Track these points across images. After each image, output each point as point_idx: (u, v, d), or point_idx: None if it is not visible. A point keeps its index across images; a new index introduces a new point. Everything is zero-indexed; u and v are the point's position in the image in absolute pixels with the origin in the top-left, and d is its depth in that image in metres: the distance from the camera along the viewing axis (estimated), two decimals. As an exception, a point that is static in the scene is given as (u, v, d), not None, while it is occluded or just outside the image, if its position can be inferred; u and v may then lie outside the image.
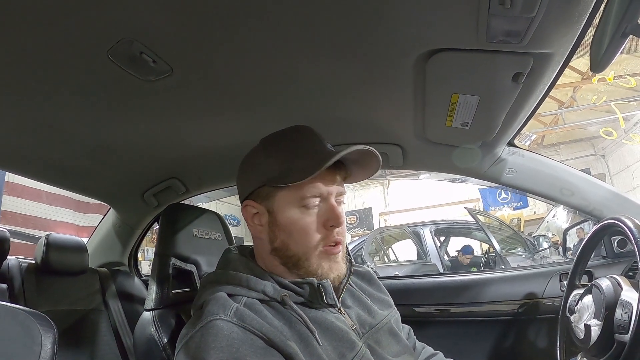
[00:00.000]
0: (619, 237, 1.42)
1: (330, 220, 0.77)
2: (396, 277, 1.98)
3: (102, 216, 1.91)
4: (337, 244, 0.78)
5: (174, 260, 1.13)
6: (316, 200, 0.77)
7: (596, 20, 0.68)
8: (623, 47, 0.66)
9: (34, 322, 0.78)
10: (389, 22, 0.70)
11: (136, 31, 0.72)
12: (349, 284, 0.87)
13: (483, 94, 0.90)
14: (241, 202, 0.85)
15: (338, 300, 0.82)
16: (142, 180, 1.50)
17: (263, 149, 0.83)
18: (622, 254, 1.41)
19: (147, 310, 1.08)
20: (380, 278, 1.11)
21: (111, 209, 1.80)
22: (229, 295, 0.76)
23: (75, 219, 6.24)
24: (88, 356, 1.53)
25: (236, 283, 0.78)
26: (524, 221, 9.72)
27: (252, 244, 0.91)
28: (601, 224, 1.12)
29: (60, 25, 0.69)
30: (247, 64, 0.85)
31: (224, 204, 10.44)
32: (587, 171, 7.70)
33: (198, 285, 1.15)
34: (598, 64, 0.70)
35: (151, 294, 1.10)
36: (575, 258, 1.22)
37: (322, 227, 0.77)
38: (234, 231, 10.87)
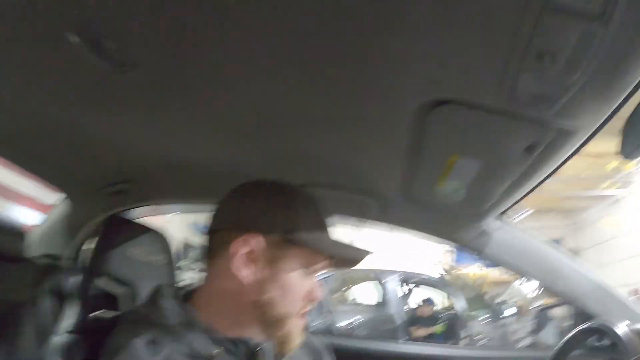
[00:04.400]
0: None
1: (314, 294, 0.77)
2: (354, 337, 1.84)
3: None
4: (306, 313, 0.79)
5: (100, 280, 1.02)
6: (313, 271, 0.77)
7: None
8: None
9: None
10: (397, 60, 0.60)
11: (98, 13, 0.62)
12: None
13: (488, 160, 0.80)
14: (230, 229, 0.73)
15: None
16: (98, 177, 1.37)
17: (288, 195, 0.77)
18: (599, 347, 1.31)
19: (58, 335, 0.97)
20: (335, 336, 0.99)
21: (66, 197, 1.64)
22: (150, 342, 0.65)
23: (40, 195, 5.81)
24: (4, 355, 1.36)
25: (161, 330, 0.67)
26: (491, 282, 9.73)
27: None
28: (589, 325, 1.04)
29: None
30: (226, 81, 0.75)
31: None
32: (560, 242, 7.88)
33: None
34: (632, 149, 0.59)
35: (67, 315, 1.01)
36: (552, 354, 1.10)
37: (306, 296, 0.76)
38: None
